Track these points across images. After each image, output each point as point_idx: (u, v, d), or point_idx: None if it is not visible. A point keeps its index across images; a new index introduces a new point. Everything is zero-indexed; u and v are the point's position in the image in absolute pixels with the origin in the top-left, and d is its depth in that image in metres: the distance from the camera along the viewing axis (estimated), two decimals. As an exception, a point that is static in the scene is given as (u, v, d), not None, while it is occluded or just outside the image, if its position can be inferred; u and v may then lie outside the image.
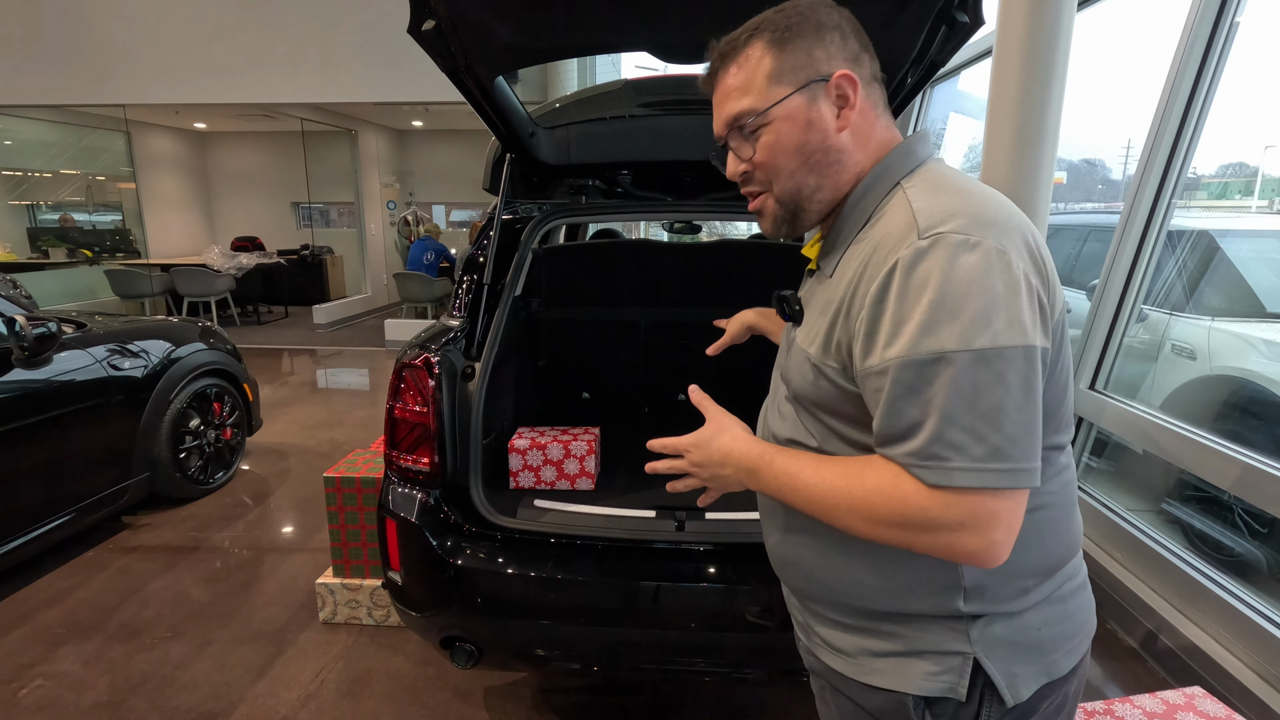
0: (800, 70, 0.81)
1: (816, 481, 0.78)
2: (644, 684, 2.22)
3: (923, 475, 0.69)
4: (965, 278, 0.68)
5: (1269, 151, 3.76)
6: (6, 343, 2.65)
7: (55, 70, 7.31)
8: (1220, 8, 2.63)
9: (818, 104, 0.82)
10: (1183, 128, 2.78)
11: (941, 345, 0.68)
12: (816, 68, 0.81)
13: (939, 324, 0.68)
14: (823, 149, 0.83)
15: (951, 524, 0.69)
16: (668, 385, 2.85)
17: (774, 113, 0.82)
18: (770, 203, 0.87)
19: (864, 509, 0.73)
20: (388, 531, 1.78)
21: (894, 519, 0.71)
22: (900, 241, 0.73)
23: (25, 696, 2.15)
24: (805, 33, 0.82)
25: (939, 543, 0.70)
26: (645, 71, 6.02)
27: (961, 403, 0.67)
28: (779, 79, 0.82)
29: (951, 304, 0.68)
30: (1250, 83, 2.90)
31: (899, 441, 0.71)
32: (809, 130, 0.82)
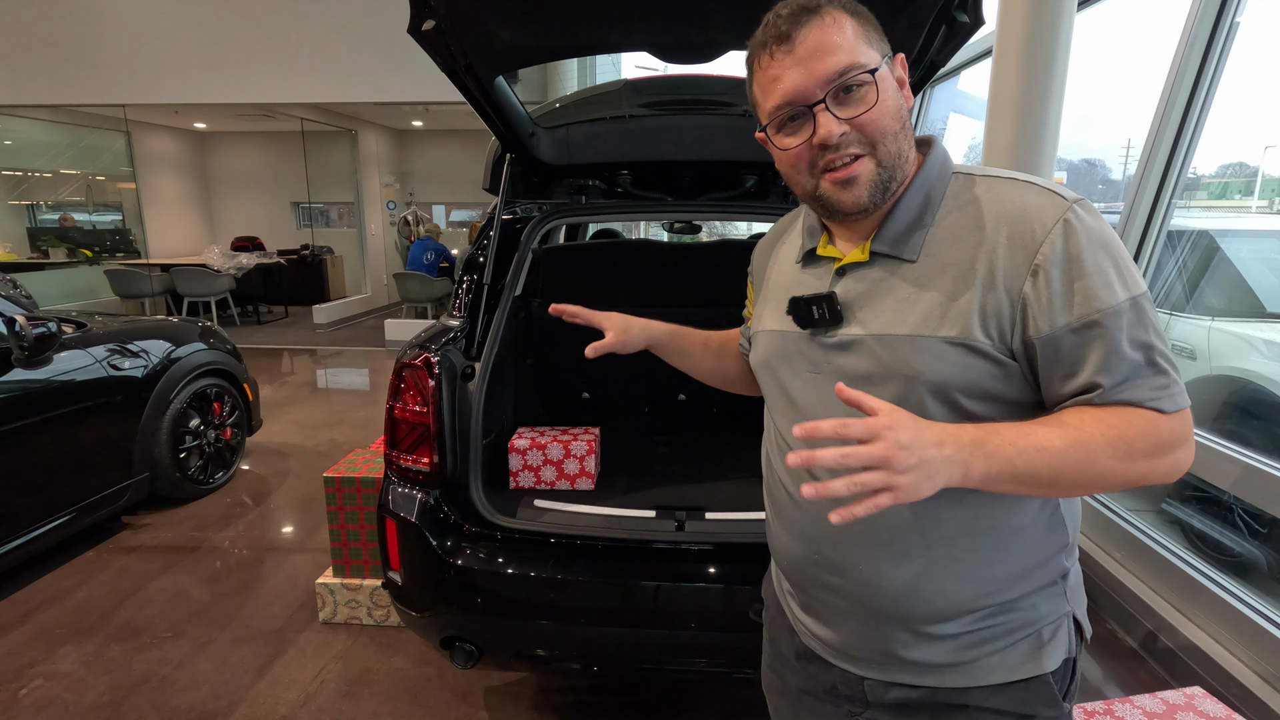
0: (878, 42, 0.82)
1: (1060, 435, 0.73)
2: (644, 684, 2.22)
3: (1164, 404, 0.75)
4: (1111, 233, 0.78)
5: (1269, 151, 3.75)
6: (6, 343, 2.65)
7: (55, 70, 7.31)
8: (1220, 8, 2.63)
9: (895, 72, 0.83)
10: (1183, 128, 2.78)
11: (1140, 286, 0.76)
12: (884, 45, 0.83)
13: (1129, 269, 0.76)
14: (906, 114, 0.84)
15: (1182, 439, 0.76)
16: (668, 385, 2.85)
17: (882, 72, 0.80)
18: (870, 166, 0.81)
19: (1122, 447, 0.73)
20: (388, 531, 1.78)
21: (1150, 448, 0.74)
22: (1051, 207, 0.77)
23: (25, 696, 2.15)
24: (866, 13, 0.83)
25: (1178, 462, 0.76)
26: (645, 71, 6.02)
27: (1157, 336, 0.76)
28: (870, 43, 0.81)
29: (1124, 253, 0.77)
30: (1250, 83, 2.90)
31: (1130, 380, 0.75)
32: (900, 95, 0.83)
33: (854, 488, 0.67)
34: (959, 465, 0.70)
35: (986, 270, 0.77)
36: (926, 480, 0.69)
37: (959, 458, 0.70)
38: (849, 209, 0.83)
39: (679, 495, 2.01)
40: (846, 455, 0.68)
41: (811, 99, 0.80)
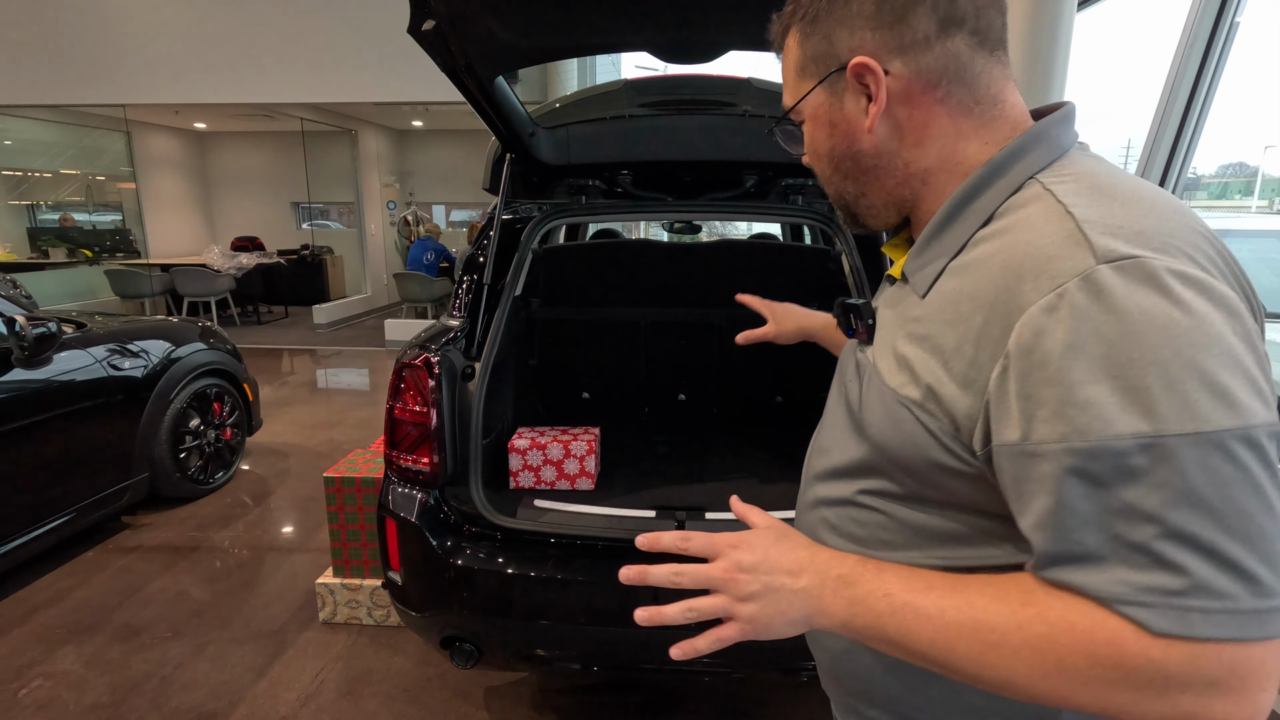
0: (821, 59, 0.66)
1: (958, 608, 0.54)
2: (644, 684, 2.22)
3: (1144, 618, 0.47)
4: (1184, 324, 0.47)
5: (1269, 151, 3.76)
6: (6, 343, 2.65)
7: (55, 70, 7.31)
8: (1220, 8, 2.63)
9: (842, 101, 0.65)
10: (1183, 128, 2.78)
11: (1153, 426, 0.46)
12: (835, 52, 0.64)
13: (1146, 393, 0.47)
14: (850, 155, 0.67)
15: (1198, 683, 0.47)
16: (668, 385, 2.85)
17: (800, 110, 0.70)
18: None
19: (1047, 657, 0.50)
20: (388, 531, 1.78)
21: (1099, 673, 0.49)
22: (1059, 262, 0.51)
23: (25, 696, 2.15)
24: (831, 9, 0.64)
25: (1178, 710, 0.48)
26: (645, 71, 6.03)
27: (1193, 511, 0.46)
28: (804, 70, 0.68)
29: (1167, 363, 0.46)
30: (1250, 83, 2.90)
31: (1079, 562, 0.50)
32: (832, 133, 0.67)
33: (689, 615, 0.62)
34: (814, 606, 0.59)
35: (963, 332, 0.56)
36: (778, 615, 0.59)
37: (815, 595, 0.59)
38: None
39: (679, 495, 2.01)
40: (679, 574, 0.61)
41: None
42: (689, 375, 2.84)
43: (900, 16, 0.61)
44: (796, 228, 4.27)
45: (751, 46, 1.76)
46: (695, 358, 2.81)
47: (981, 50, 0.62)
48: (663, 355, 2.81)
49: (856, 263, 2.02)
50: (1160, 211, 0.53)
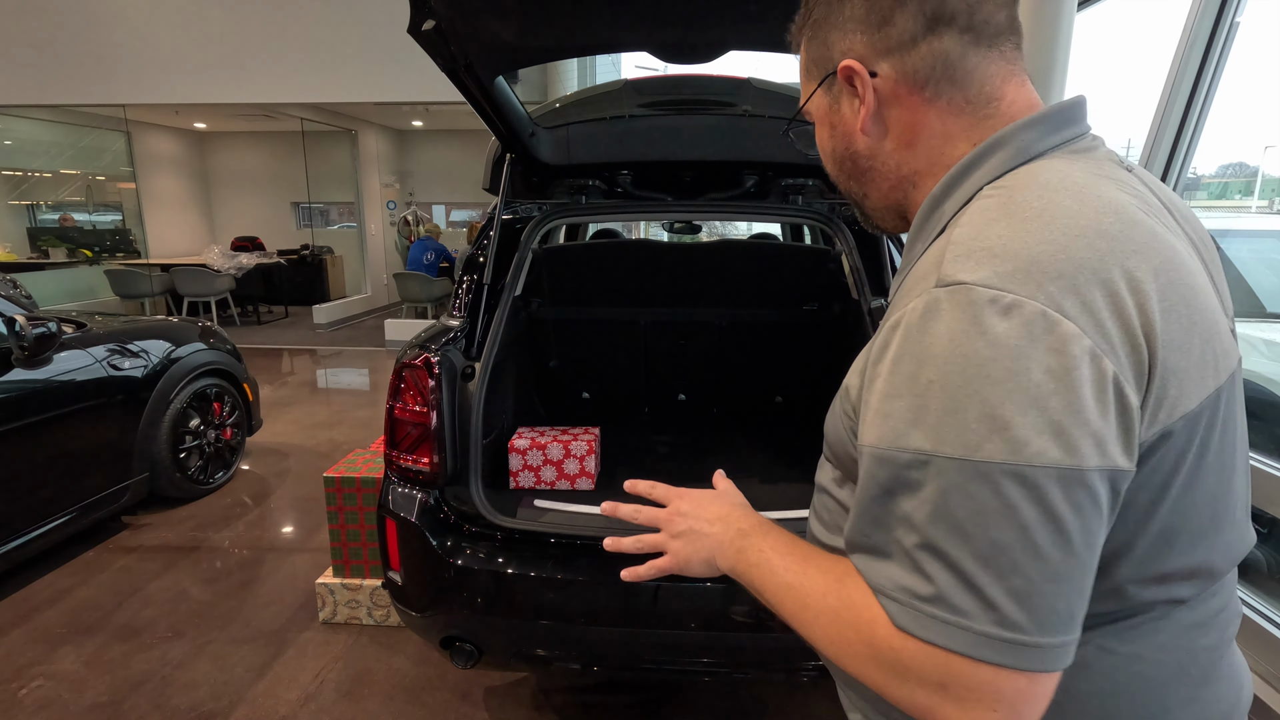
0: (820, 62, 0.67)
1: (795, 571, 0.62)
2: (644, 684, 2.22)
3: (892, 611, 0.52)
4: (983, 355, 0.48)
5: (1269, 151, 3.76)
6: (6, 343, 2.65)
7: (55, 70, 7.31)
8: (1220, 8, 2.63)
9: (839, 104, 0.67)
10: (1183, 128, 2.78)
11: (931, 445, 0.49)
12: (830, 56, 0.65)
13: (932, 414, 0.49)
14: (850, 156, 0.68)
15: (929, 682, 0.51)
16: (668, 385, 2.85)
17: (808, 111, 0.71)
18: None
19: (834, 626, 0.57)
20: (388, 531, 1.78)
21: (861, 648, 0.55)
22: (922, 282, 0.54)
23: (25, 696, 2.15)
24: (830, 10, 0.65)
25: (915, 701, 0.52)
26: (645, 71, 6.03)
27: (948, 530, 0.49)
28: (809, 73, 0.70)
29: (955, 390, 0.49)
30: (1250, 83, 2.90)
31: (867, 552, 0.55)
32: (833, 133, 0.69)
33: (639, 546, 0.75)
34: (717, 548, 0.70)
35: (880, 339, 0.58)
36: (694, 553, 0.71)
37: (720, 540, 0.69)
38: None
39: None
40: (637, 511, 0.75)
41: None
42: (689, 375, 2.84)
43: (887, 18, 0.61)
44: (796, 228, 4.27)
45: (751, 46, 1.76)
46: (695, 358, 2.81)
47: (978, 46, 0.60)
48: (663, 355, 2.81)
49: (856, 263, 2.02)
50: (1051, 237, 0.51)
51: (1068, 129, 0.61)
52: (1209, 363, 0.53)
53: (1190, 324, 0.52)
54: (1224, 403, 0.56)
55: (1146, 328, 0.50)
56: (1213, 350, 0.54)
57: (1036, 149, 0.59)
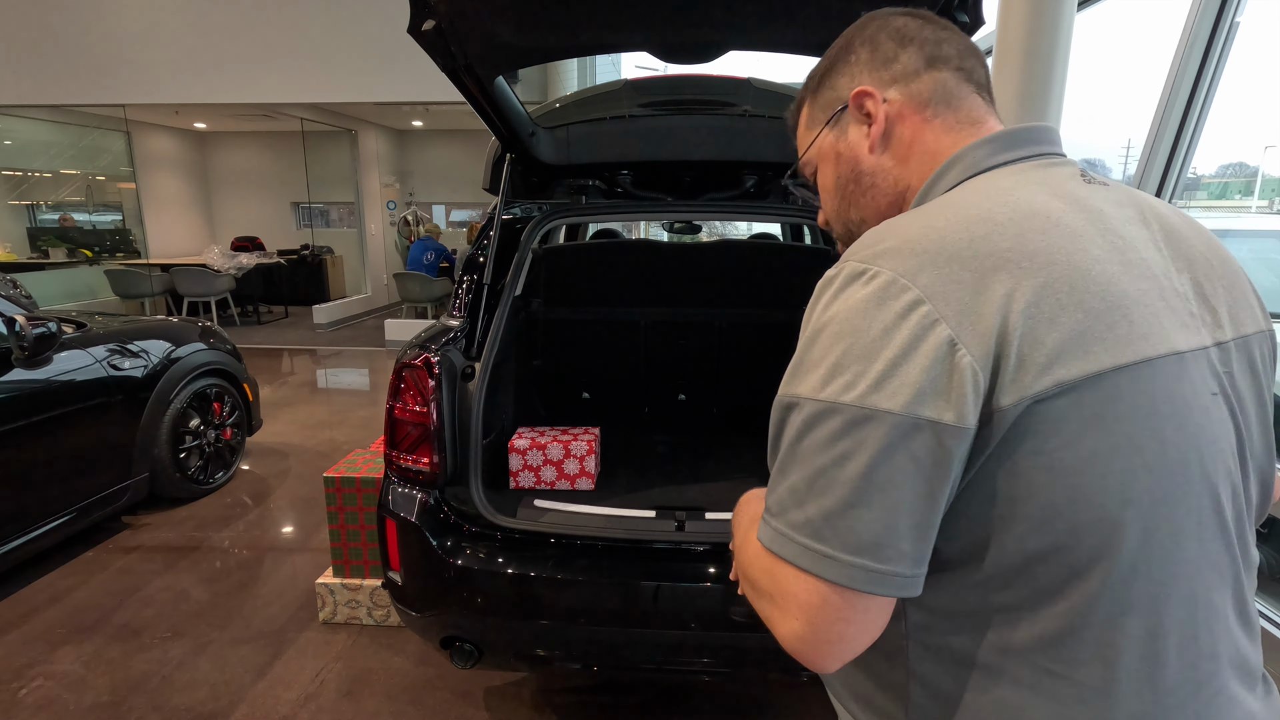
0: (827, 107, 0.77)
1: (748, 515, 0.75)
2: (644, 684, 2.22)
3: (759, 528, 0.63)
4: (839, 315, 0.58)
5: (1269, 151, 3.76)
6: (6, 343, 2.65)
7: (55, 70, 7.31)
8: (1220, 8, 2.63)
9: (846, 134, 0.76)
10: (1183, 128, 2.78)
11: (796, 390, 0.60)
12: (839, 95, 0.76)
13: (803, 366, 0.60)
14: (854, 177, 0.76)
15: (765, 590, 0.61)
16: (668, 385, 2.85)
17: (809, 157, 0.81)
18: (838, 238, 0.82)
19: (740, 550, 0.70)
20: (388, 531, 1.78)
21: (741, 568, 0.69)
22: None
23: (25, 696, 2.15)
24: (835, 65, 0.77)
25: (760, 609, 0.63)
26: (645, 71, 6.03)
27: (792, 456, 0.59)
28: (811, 124, 0.80)
29: (819, 344, 0.59)
30: (1250, 83, 2.90)
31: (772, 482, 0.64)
32: (839, 162, 0.77)
33: None
34: None
35: None
36: None
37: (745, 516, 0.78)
38: None
39: (679, 495, 2.01)
40: None
41: None
42: (689, 375, 2.84)
43: (892, 58, 0.73)
44: (796, 228, 4.27)
45: (752, 46, 1.76)
46: (695, 358, 2.81)
47: (968, 84, 0.72)
48: (663, 355, 2.81)
49: None
50: (933, 223, 0.60)
51: (1021, 148, 0.68)
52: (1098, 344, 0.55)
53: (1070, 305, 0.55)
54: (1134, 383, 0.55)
55: (1005, 304, 0.55)
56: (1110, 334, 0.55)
57: (985, 164, 0.67)
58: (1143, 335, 0.56)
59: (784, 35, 1.68)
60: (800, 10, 1.57)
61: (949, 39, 0.73)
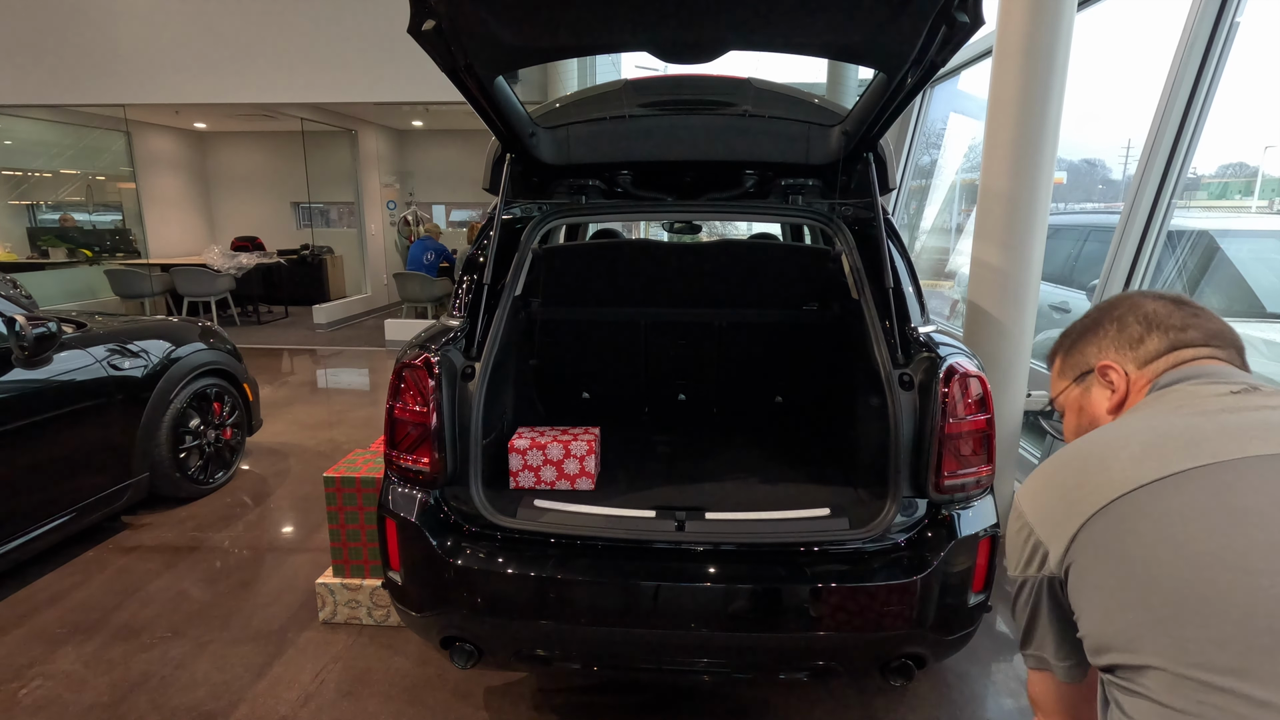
0: (1076, 367, 1.01)
1: None
2: (644, 684, 2.22)
3: None
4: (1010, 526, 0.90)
5: (1269, 151, 3.75)
6: (6, 343, 2.65)
7: (55, 70, 7.31)
8: (1220, 8, 2.63)
9: (1090, 392, 0.99)
10: (1183, 128, 2.78)
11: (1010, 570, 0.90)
12: (1087, 361, 0.99)
13: None
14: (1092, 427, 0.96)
15: None
16: (668, 385, 2.85)
17: (1059, 401, 1.05)
18: None
19: None
20: (388, 531, 1.78)
21: None
22: None
23: (25, 696, 2.15)
24: (1085, 335, 1.01)
25: None
26: (645, 71, 6.02)
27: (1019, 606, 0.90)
28: (1062, 374, 1.04)
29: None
30: (1250, 83, 2.90)
31: None
32: (1080, 414, 1.01)
33: None
34: None
35: None
36: None
37: None
38: None
39: (679, 495, 2.01)
40: None
41: None
42: (689, 375, 2.84)
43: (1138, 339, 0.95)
44: (796, 228, 4.27)
45: (752, 46, 1.75)
46: (695, 358, 2.81)
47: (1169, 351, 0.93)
48: (663, 355, 2.81)
49: (856, 263, 2.02)
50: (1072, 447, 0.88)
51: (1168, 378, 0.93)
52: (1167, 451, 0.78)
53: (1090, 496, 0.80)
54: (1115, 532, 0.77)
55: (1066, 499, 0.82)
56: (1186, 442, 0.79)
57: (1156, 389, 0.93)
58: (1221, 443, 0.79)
59: (784, 35, 1.68)
60: (800, 10, 1.57)
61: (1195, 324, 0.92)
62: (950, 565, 1.68)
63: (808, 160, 2.25)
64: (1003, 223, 2.94)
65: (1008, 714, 2.10)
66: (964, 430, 1.70)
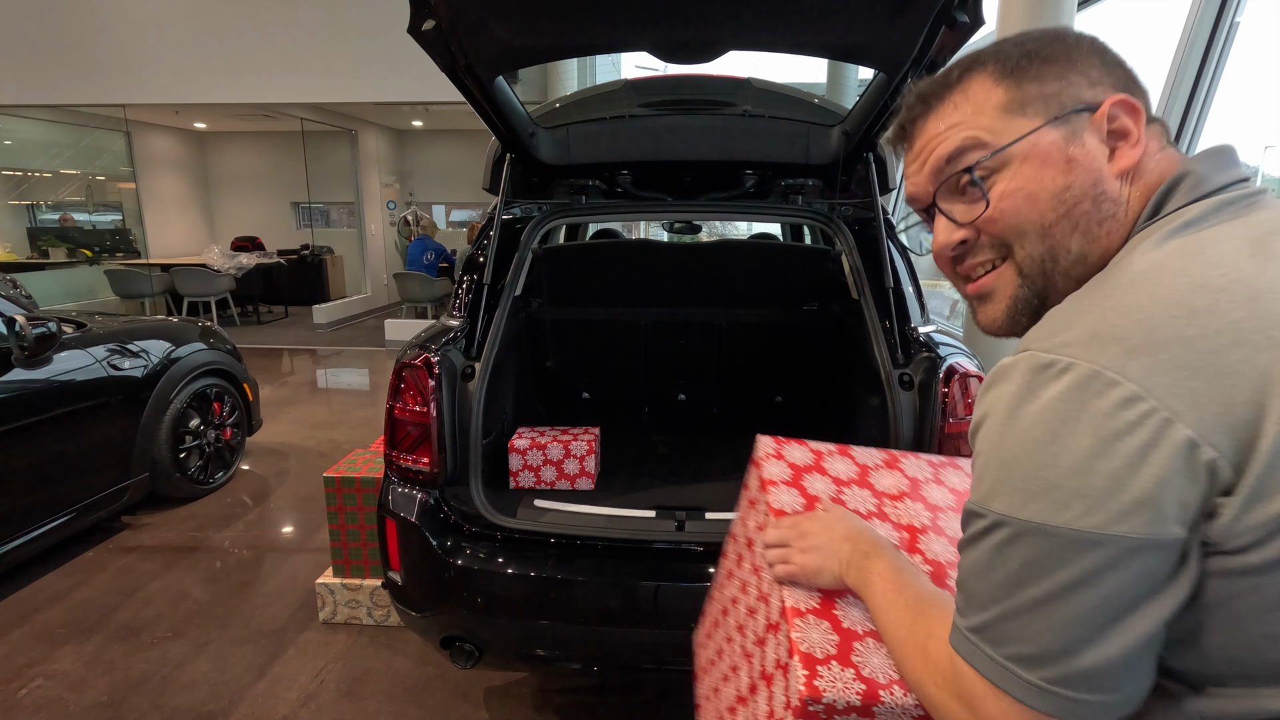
0: (1053, 98, 0.61)
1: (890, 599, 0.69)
2: (644, 684, 2.22)
3: (951, 634, 0.58)
4: (1032, 417, 0.49)
5: (1269, 151, 3.76)
6: (6, 343, 2.65)
7: (55, 70, 7.31)
8: (1220, 8, 2.63)
9: (1081, 138, 0.60)
10: (1183, 128, 2.78)
11: (985, 500, 0.52)
12: (1077, 94, 0.61)
13: (990, 472, 0.52)
14: (1093, 196, 0.60)
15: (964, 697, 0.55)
16: (668, 385, 2.85)
17: (1016, 150, 0.61)
18: (1009, 277, 0.64)
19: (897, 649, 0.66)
20: (388, 531, 1.78)
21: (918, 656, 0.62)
22: None
23: (25, 696, 2.15)
24: (1054, 57, 0.62)
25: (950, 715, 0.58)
26: (645, 71, 6.02)
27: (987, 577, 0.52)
28: (1021, 109, 0.62)
29: (1007, 451, 0.51)
30: (1250, 83, 2.90)
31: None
32: (1070, 170, 0.60)
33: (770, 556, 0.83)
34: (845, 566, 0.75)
35: None
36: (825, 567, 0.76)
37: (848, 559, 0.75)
38: (986, 332, 0.68)
39: (679, 495, 2.01)
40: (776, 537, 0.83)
41: (926, 198, 0.67)
42: (689, 375, 2.83)
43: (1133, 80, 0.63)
44: (796, 228, 4.27)
45: (752, 46, 1.76)
46: (695, 358, 2.80)
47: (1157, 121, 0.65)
48: (663, 355, 2.81)
49: (856, 262, 2.02)
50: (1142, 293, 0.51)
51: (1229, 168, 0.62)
52: None
53: None
54: None
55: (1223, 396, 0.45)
56: None
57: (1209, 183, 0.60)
58: None
59: (784, 35, 1.69)
60: (800, 10, 1.57)
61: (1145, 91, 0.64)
62: (950, 565, 1.68)
63: (807, 160, 2.25)
64: (1003, 223, 2.94)
65: (1008, 714, 2.10)
66: (964, 430, 1.70)
